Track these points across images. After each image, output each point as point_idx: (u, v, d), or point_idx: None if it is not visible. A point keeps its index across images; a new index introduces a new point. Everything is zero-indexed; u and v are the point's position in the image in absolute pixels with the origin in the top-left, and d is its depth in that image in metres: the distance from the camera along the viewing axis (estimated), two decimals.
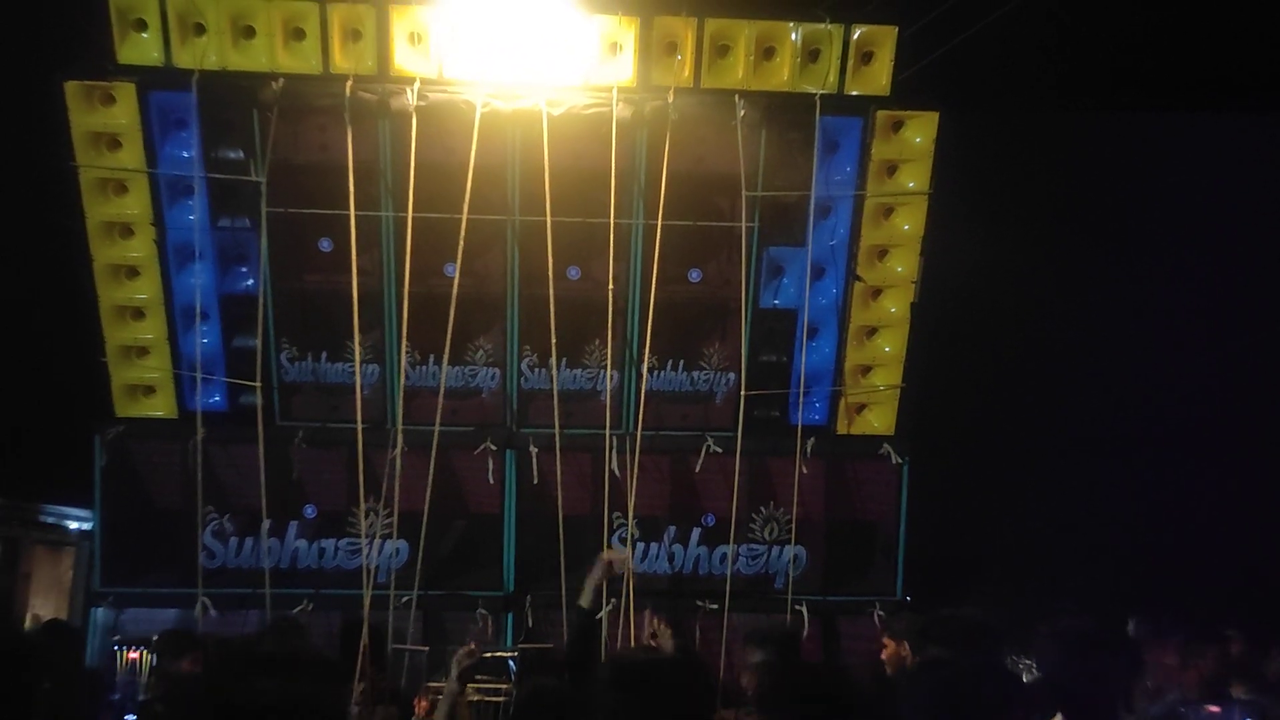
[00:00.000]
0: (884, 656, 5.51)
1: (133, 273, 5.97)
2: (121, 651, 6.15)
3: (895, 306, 6.25)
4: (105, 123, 5.67)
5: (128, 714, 5.85)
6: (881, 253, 6.21)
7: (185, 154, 5.82)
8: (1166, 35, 6.07)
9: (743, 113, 5.84)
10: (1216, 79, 6.41)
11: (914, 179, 6.06)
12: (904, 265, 6.19)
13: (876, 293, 6.26)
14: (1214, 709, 3.10)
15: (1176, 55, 6.18)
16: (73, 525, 8.93)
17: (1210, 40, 6.10)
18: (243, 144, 5.82)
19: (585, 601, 4.94)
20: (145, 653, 6.09)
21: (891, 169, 6.07)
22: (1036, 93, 6.58)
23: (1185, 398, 6.99)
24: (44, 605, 9.50)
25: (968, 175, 6.06)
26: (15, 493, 8.71)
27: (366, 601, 5.80)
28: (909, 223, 6.11)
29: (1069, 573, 6.58)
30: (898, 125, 5.97)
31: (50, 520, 9.01)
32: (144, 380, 6.14)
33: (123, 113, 5.66)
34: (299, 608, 6.07)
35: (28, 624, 8.01)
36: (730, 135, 5.89)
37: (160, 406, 6.18)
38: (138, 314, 6.03)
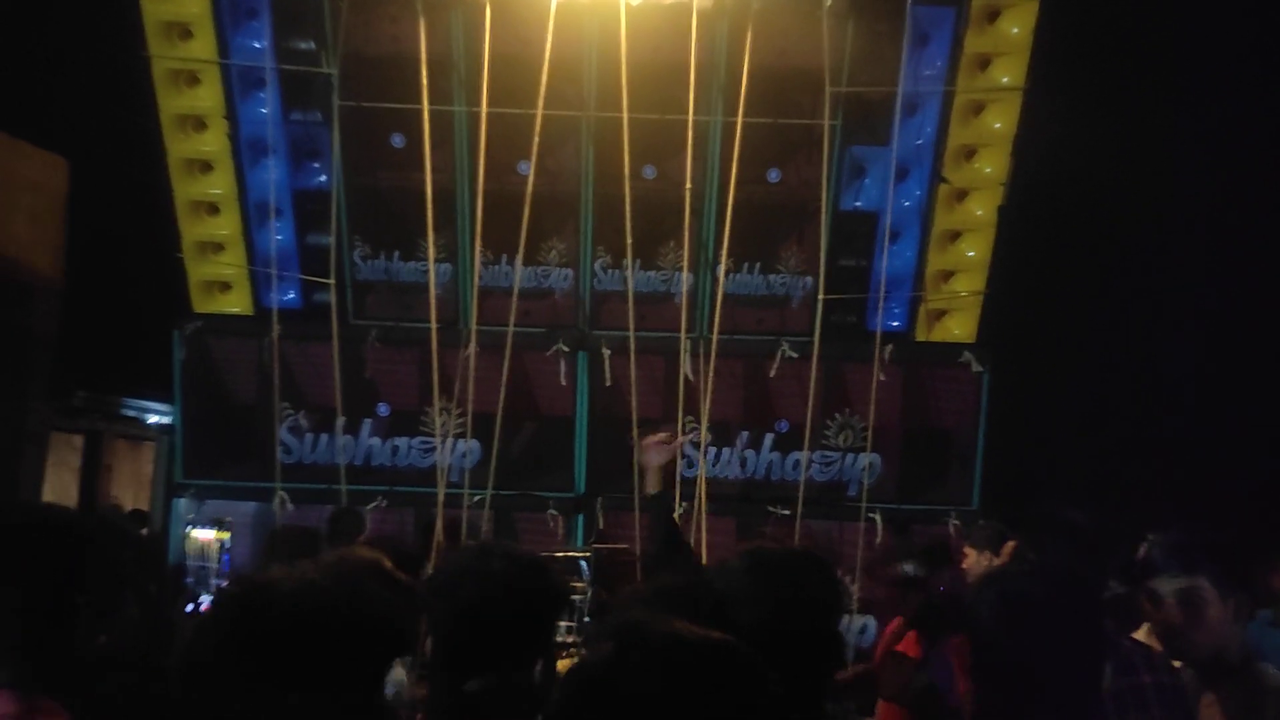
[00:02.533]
0: (965, 566, 5.45)
1: (206, 167, 5.95)
2: (189, 533, 6.29)
3: (981, 209, 6.02)
4: (177, 12, 5.60)
5: (200, 597, 6.03)
6: (970, 152, 5.96)
7: (257, 44, 5.74)
8: None
9: (829, 3, 5.57)
10: None
11: (1008, 74, 5.77)
12: (992, 166, 5.95)
13: (962, 195, 6.03)
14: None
15: None
16: (152, 419, 9.16)
17: None
18: (314, 35, 5.72)
19: (653, 487, 4.16)
20: (217, 534, 6.25)
21: (985, 63, 5.78)
22: None
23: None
24: (125, 496, 9.82)
25: (1065, 67, 5.74)
26: (97, 387, 8.93)
27: (440, 499, 5.86)
28: (1000, 120, 5.85)
29: (1147, 491, 6.41)
30: (994, 15, 5.67)
31: (131, 414, 9.25)
32: (220, 276, 6.17)
33: (194, 2, 5.57)
34: (373, 504, 6.15)
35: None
36: (815, 27, 5.63)
37: (236, 303, 6.21)
38: (212, 209, 6.03)
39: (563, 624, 4.42)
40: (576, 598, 4.70)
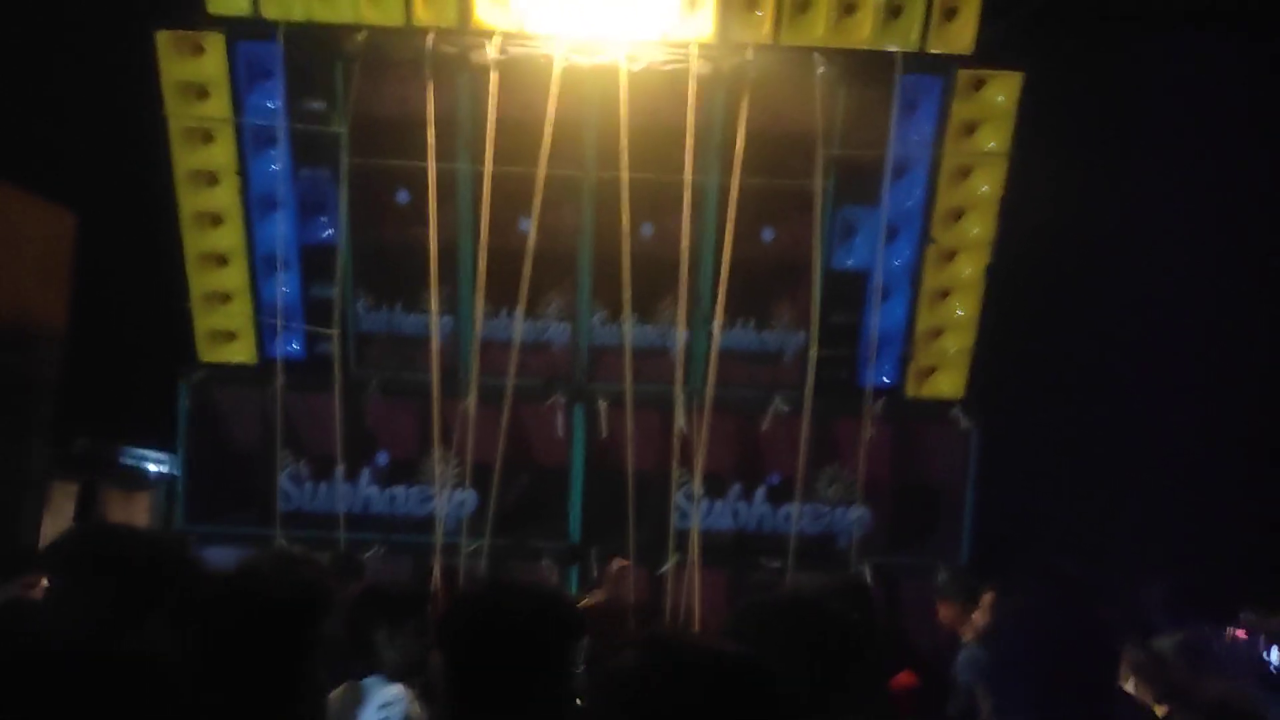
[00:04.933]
0: (943, 618, 5.54)
1: (217, 221, 6.11)
2: None
3: (969, 269, 6.20)
4: (195, 72, 5.79)
5: None
6: (957, 214, 6.15)
7: (270, 104, 5.93)
8: None
9: (822, 70, 5.80)
10: None
11: (994, 139, 5.98)
12: (979, 227, 6.13)
13: (951, 255, 6.21)
14: (1241, 633, 3.11)
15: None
16: (152, 468, 9.20)
17: None
18: (325, 95, 5.92)
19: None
20: None
21: (971, 129, 6.00)
22: (1124, 38, 6.43)
23: (1270, 370, 6.83)
24: None
25: (1049, 133, 5.96)
26: (96, 435, 8.98)
27: (438, 547, 5.95)
28: (987, 184, 6.05)
29: (1137, 546, 6.51)
30: (979, 84, 5.90)
31: (129, 463, 9.29)
32: (226, 327, 6.29)
33: (211, 63, 5.77)
34: (369, 552, 6.21)
35: None
36: (808, 93, 5.86)
37: (241, 353, 6.33)
38: (221, 261, 6.18)
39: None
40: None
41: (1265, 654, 3.07)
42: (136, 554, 2.01)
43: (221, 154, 5.95)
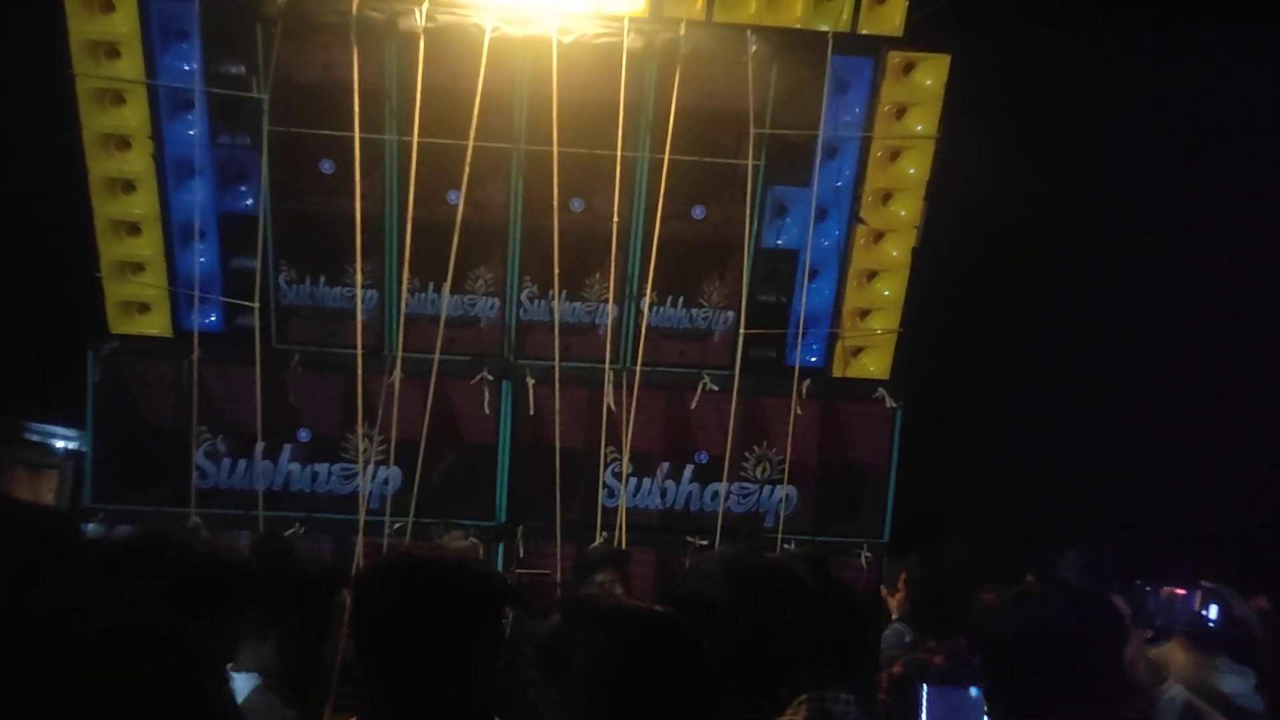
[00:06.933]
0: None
1: (129, 187, 5.87)
2: None
3: (896, 250, 6.25)
4: (104, 30, 5.54)
5: None
6: (885, 196, 6.20)
7: (186, 67, 5.70)
8: None
9: (754, 48, 5.78)
10: None
11: (922, 122, 6.03)
12: (907, 209, 6.19)
13: (879, 236, 6.25)
14: (1180, 591, 3.22)
15: None
16: (59, 444, 8.87)
17: None
18: (245, 59, 5.71)
19: None
20: None
21: (900, 111, 6.04)
22: (1051, 25, 6.53)
23: (1198, 347, 7.00)
24: None
25: (977, 117, 6.03)
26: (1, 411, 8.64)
27: (361, 525, 5.85)
28: (915, 166, 6.10)
29: (1061, 525, 6.66)
30: (909, 67, 5.93)
31: (35, 439, 8.95)
32: (139, 297, 6.07)
33: (122, 21, 5.53)
34: (290, 530, 6.08)
35: None
36: (740, 71, 5.83)
37: (155, 325, 6.11)
38: (134, 229, 5.94)
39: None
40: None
41: (1204, 610, 3.17)
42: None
43: (133, 117, 5.71)
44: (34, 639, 1.32)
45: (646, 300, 6.09)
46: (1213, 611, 3.22)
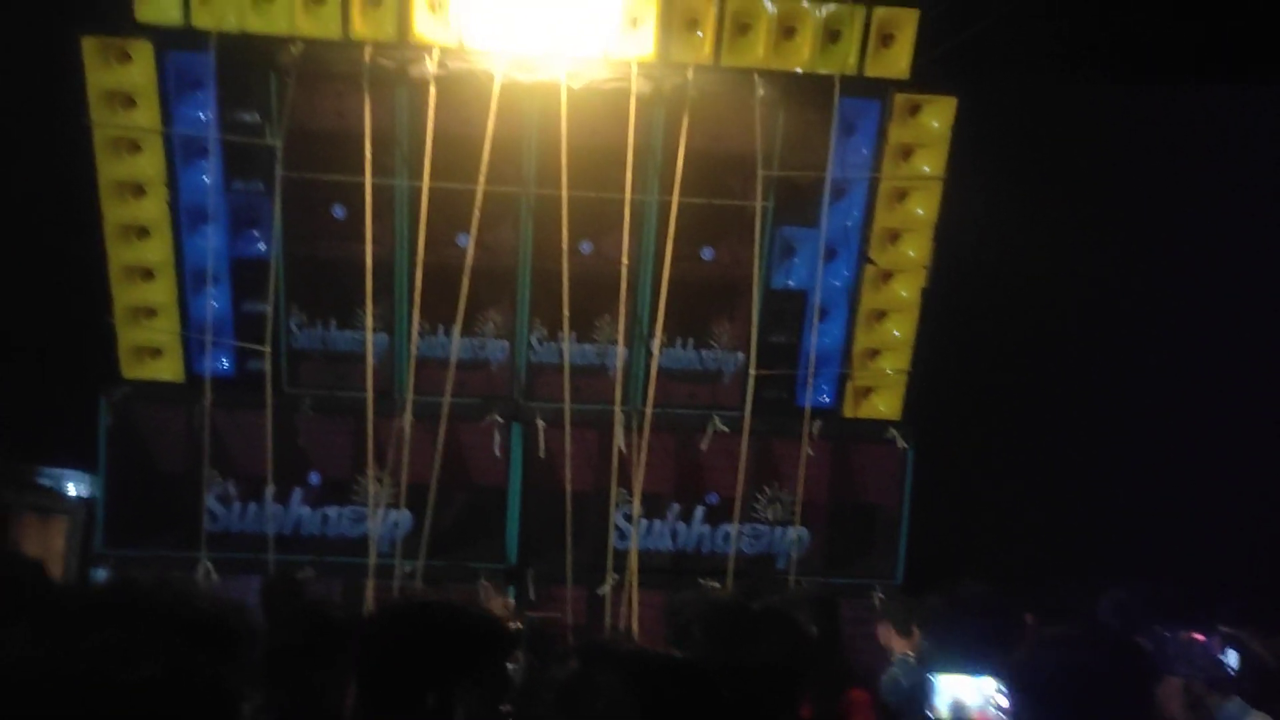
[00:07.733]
0: (881, 641, 5.56)
1: (143, 233, 5.94)
2: None
3: (906, 291, 6.27)
4: (121, 81, 5.63)
5: None
6: (894, 236, 6.23)
7: (201, 115, 5.79)
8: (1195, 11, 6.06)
9: (761, 92, 5.83)
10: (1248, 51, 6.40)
11: (929, 163, 6.07)
12: (916, 249, 6.21)
13: (887, 276, 6.27)
14: (1198, 637, 3.20)
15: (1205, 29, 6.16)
16: (70, 489, 8.87)
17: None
18: (259, 107, 5.79)
19: None
20: None
21: (907, 152, 6.08)
22: (1056, 75, 6.58)
23: (1205, 389, 6.98)
24: None
25: (983, 159, 6.07)
26: (11, 454, 8.64)
27: (371, 568, 5.84)
28: (922, 207, 6.13)
29: (1070, 567, 6.61)
30: (915, 109, 5.98)
31: (47, 484, 8.95)
32: (152, 343, 6.11)
33: (139, 71, 5.62)
34: (301, 574, 6.05)
35: None
36: (748, 114, 5.89)
37: (167, 370, 6.15)
38: (147, 275, 6.00)
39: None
40: (511, 666, 4.68)
41: (1221, 655, 3.14)
42: None
43: (149, 165, 5.79)
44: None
45: (656, 342, 6.11)
46: (1231, 658, 3.19)
